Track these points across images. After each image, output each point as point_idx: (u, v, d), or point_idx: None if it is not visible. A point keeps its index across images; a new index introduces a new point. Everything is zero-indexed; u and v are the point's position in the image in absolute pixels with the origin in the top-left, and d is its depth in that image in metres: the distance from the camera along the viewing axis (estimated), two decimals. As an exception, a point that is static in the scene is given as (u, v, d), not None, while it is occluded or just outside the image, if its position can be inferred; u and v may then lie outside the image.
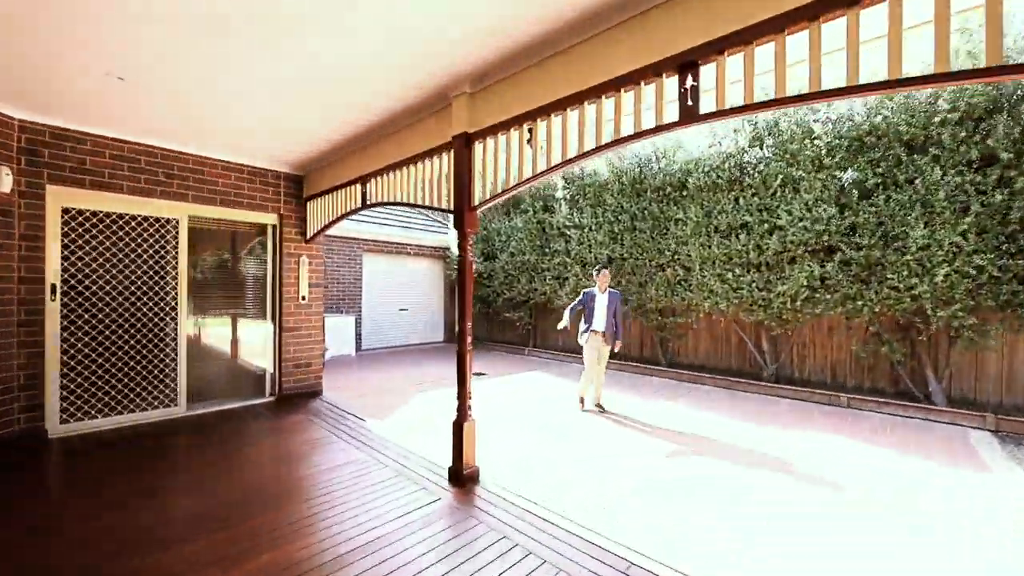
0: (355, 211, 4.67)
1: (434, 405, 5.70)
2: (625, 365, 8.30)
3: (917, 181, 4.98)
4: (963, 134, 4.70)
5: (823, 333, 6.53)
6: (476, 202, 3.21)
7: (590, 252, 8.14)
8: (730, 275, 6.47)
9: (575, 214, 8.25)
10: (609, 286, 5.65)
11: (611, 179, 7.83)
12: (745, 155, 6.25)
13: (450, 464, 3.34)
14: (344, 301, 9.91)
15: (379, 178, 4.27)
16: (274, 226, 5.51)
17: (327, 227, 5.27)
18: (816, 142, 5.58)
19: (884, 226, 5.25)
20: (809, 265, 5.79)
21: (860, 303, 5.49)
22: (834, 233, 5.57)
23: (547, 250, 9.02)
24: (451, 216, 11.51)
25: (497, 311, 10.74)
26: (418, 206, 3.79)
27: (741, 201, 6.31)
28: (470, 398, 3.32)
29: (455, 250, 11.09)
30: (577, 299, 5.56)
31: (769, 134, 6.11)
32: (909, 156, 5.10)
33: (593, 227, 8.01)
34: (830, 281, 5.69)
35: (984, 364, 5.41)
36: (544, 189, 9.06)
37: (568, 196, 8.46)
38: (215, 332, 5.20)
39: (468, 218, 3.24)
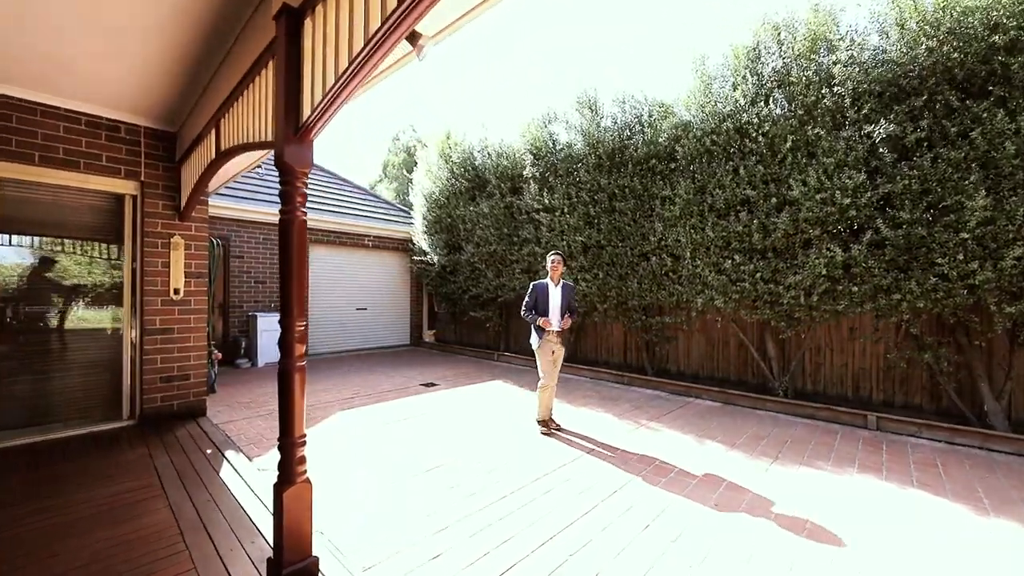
0: (213, 166, 3.39)
1: (350, 432, 4.42)
2: (602, 372, 7.03)
3: (975, 133, 3.72)
4: (1044, 64, 3.45)
5: (842, 336, 5.27)
6: (306, 118, 1.93)
7: (563, 239, 6.87)
8: (728, 264, 5.21)
9: (545, 194, 6.98)
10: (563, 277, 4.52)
11: (586, 151, 6.56)
12: (745, 115, 4.99)
13: (272, 554, 2.06)
14: (286, 299, 8.61)
15: (227, 114, 2.99)
16: (133, 197, 4.23)
17: (196, 196, 3.99)
18: (837, 89, 4.32)
19: (931, 195, 3.99)
20: (829, 249, 4.54)
21: (897, 296, 4.23)
22: (863, 207, 4.31)
23: (516, 239, 7.74)
24: (414, 201, 10.40)
25: (464, 310, 9.46)
26: (250, 147, 2.52)
27: (742, 172, 5.04)
28: (301, 445, 2.04)
29: (419, 240, 9.81)
30: (528, 294, 4.41)
31: (779, 85, 4.86)
32: (963, 102, 3.85)
33: (566, 209, 6.74)
34: (856, 269, 4.42)
35: (1057, 376, 4.16)
36: (513, 167, 7.79)
37: (537, 174, 7.18)
38: (47, 337, 3.92)
39: (294, 149, 1.97)
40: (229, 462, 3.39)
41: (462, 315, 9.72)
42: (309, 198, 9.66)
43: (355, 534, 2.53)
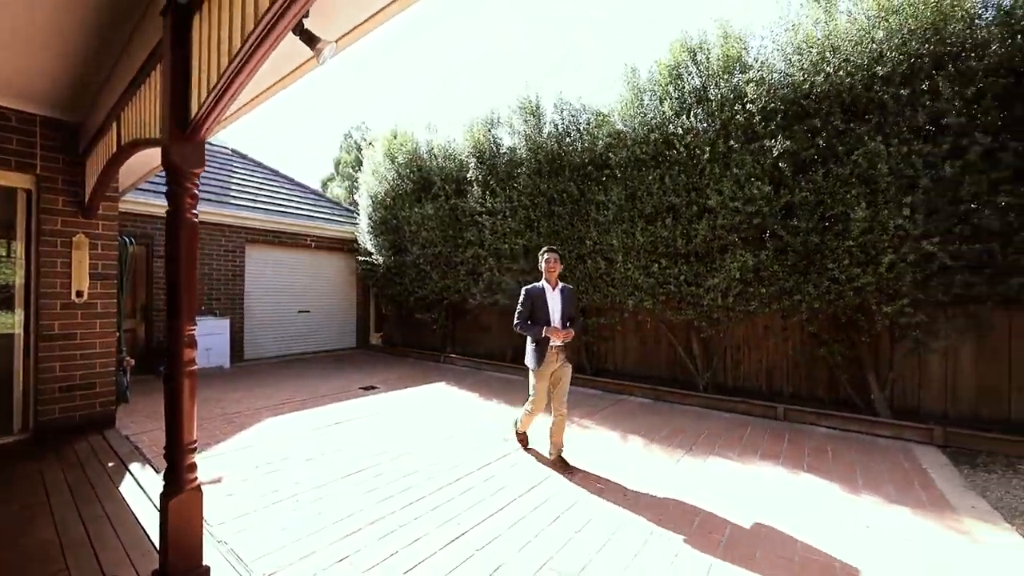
0: (116, 160, 3.20)
1: (275, 438, 4.28)
2: (546, 373, 7.19)
3: (857, 153, 4.17)
4: (907, 94, 3.92)
5: (758, 334, 5.71)
6: (194, 115, 1.88)
7: (505, 242, 6.97)
8: (656, 267, 5.50)
9: (488, 198, 7.06)
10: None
11: (527, 156, 6.70)
12: (670, 126, 5.30)
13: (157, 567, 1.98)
14: (219, 302, 8.18)
15: (128, 106, 2.84)
16: (27, 191, 3.90)
17: (102, 192, 3.74)
18: (748, 106, 4.69)
19: (823, 206, 4.42)
20: (742, 254, 4.90)
21: (798, 298, 4.65)
22: (768, 216, 4.70)
23: (460, 241, 7.77)
24: (360, 201, 10.19)
25: (410, 312, 9.36)
26: (145, 143, 2.41)
27: (667, 180, 5.35)
28: (191, 452, 1.98)
29: (365, 241, 9.60)
30: (521, 302, 3.61)
31: (697, 101, 5.19)
32: (848, 124, 4.30)
33: (507, 212, 6.85)
34: (765, 273, 4.82)
35: (928, 369, 4.71)
36: (458, 169, 7.81)
37: (480, 177, 7.25)
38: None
39: (181, 148, 1.92)
40: (133, 475, 3.20)
41: (408, 317, 9.61)
42: (248, 195, 9.23)
43: (261, 541, 2.48)
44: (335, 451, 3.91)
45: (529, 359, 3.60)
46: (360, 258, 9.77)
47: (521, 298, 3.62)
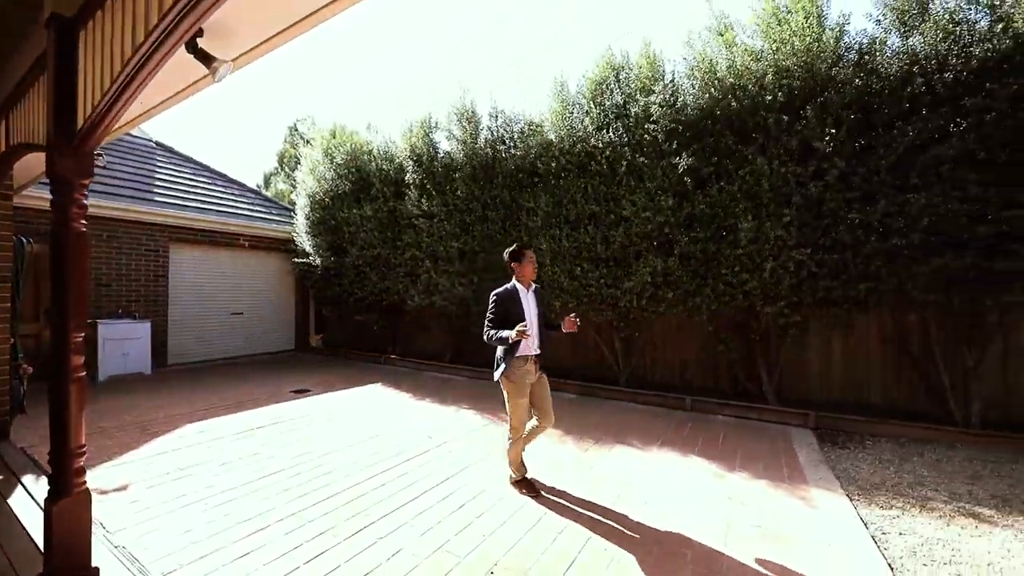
0: (5, 161, 3.07)
1: (193, 445, 4.21)
2: (482, 373, 7.43)
3: (744, 171, 4.72)
4: (785, 121, 4.50)
5: (672, 332, 6.24)
6: (81, 126, 1.93)
7: (441, 245, 7.13)
8: (579, 271, 5.88)
9: (424, 201, 7.18)
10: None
11: (463, 161, 6.90)
12: (592, 139, 5.68)
13: None
14: (139, 304, 7.74)
15: (16, 108, 2.75)
16: (-99, 188, 3.61)
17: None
18: (654, 126, 5.14)
19: (718, 218, 4.95)
20: (653, 259, 5.36)
21: (698, 300, 5.17)
22: (674, 225, 5.18)
23: (399, 243, 7.84)
24: (297, 201, 9.96)
25: (349, 313, 9.28)
26: (31, 148, 2.39)
27: (589, 189, 5.74)
28: (79, 456, 2.02)
29: (303, 242, 9.40)
30: (492, 308, 3.17)
31: (617, 117, 5.61)
32: (737, 145, 4.84)
33: (443, 216, 7.02)
34: (671, 277, 5.30)
35: (806, 363, 5.39)
36: (396, 172, 7.87)
37: (418, 180, 7.36)
38: None
39: (67, 159, 1.95)
40: (25, 487, 3.08)
41: (348, 318, 9.52)
42: (174, 192, 8.78)
43: (161, 544, 2.52)
44: (253, 455, 3.92)
45: (501, 372, 3.06)
46: (296, 260, 9.55)
47: (492, 303, 3.15)
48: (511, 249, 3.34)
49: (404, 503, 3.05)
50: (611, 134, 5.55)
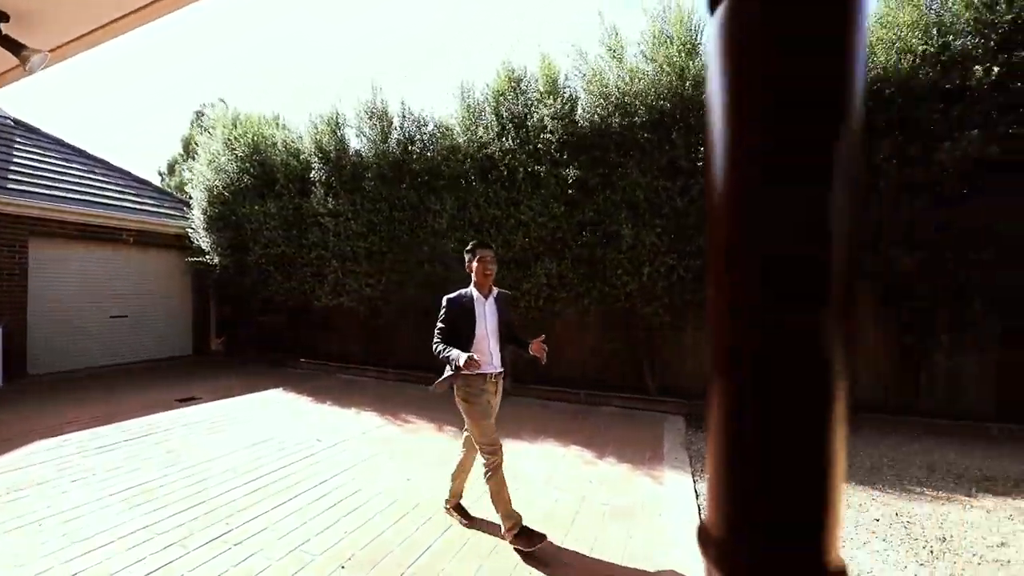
0: None
1: (41, 464, 3.81)
2: (392, 373, 7.40)
3: (624, 182, 5.18)
4: (656, 140, 5.00)
5: (573, 331, 6.64)
6: None
7: (348, 245, 7.00)
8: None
9: (331, 199, 7.00)
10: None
11: (372, 160, 6.82)
12: (492, 146, 5.90)
13: None
14: (-12, 306, 6.75)
15: None
16: None
17: None
18: (548, 136, 5.47)
19: (603, 224, 5.37)
20: (548, 262, 5.69)
21: (587, 301, 5.57)
22: (566, 230, 5.54)
23: (304, 242, 7.56)
24: (194, 194, 9.18)
25: (252, 315, 8.76)
26: None
27: (491, 194, 5.94)
28: None
29: (200, 238, 8.70)
30: (441, 317, 2.72)
31: (516, 127, 5.87)
32: (618, 159, 5.29)
33: (350, 215, 6.89)
34: (565, 279, 5.66)
35: (684, 357, 6.02)
36: (302, 168, 7.57)
37: (324, 177, 7.15)
38: None
39: None
40: None
41: (251, 320, 8.98)
42: (36, 179, 7.73)
43: (-27, 572, 2.30)
44: (113, 469, 3.65)
45: (449, 384, 2.67)
46: (190, 258, 8.83)
47: (442, 311, 2.69)
48: (467, 247, 2.81)
49: (273, 507, 3.03)
50: (510, 142, 5.80)
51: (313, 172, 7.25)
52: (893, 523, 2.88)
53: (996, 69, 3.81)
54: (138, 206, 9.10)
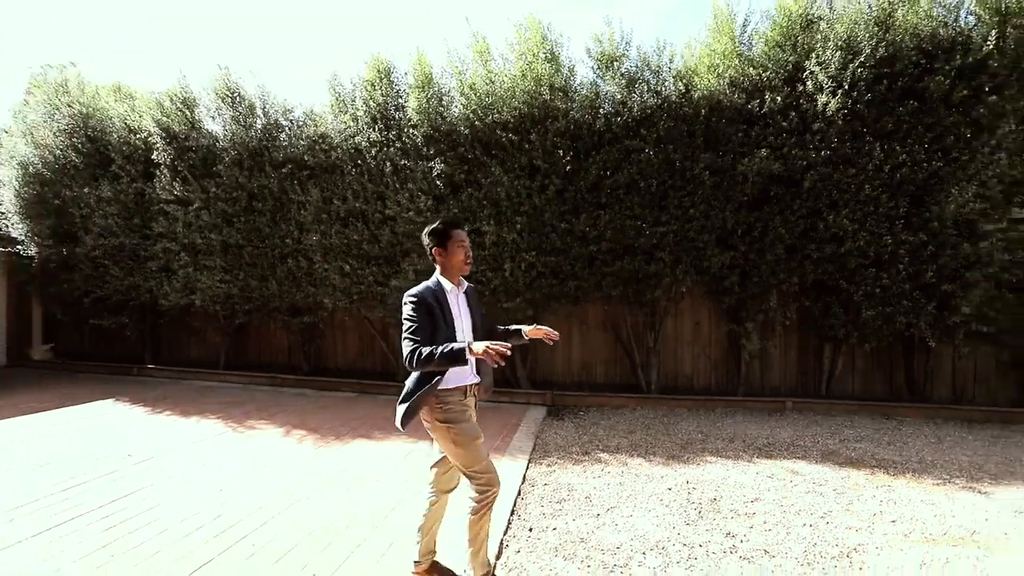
0: None
1: None
2: (259, 377, 6.83)
3: (487, 180, 5.27)
4: (516, 140, 5.16)
5: (450, 327, 6.63)
6: None
7: (200, 237, 6.30)
8: (348, 267, 5.81)
9: (178, 185, 6.24)
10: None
11: (227, 145, 6.19)
12: (359, 137, 5.67)
13: None
14: None
15: None
16: None
17: None
18: (415, 130, 5.39)
19: (469, 221, 5.42)
20: (416, 259, 5.61)
21: (454, 297, 5.59)
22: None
23: (148, 232, 6.67)
24: (4, 172, 7.62)
25: (85, 317, 7.53)
26: None
27: (357, 186, 5.71)
28: None
29: (11, 225, 7.25)
30: (412, 316, 1.96)
31: (384, 119, 5.70)
32: (484, 158, 5.38)
33: (202, 204, 6.20)
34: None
35: (553, 350, 6.31)
36: (145, 148, 6.65)
37: (168, 161, 6.34)
38: None
39: None
40: None
41: (86, 322, 7.72)
42: None
43: None
44: None
45: (430, 410, 2.00)
46: (4, 248, 7.37)
47: (410, 309, 1.98)
48: (433, 227, 2.16)
49: (31, 535, 2.59)
50: (378, 134, 5.62)
51: (156, 153, 6.40)
52: (681, 490, 3.24)
53: (779, 99, 4.53)
54: (-78, 184, 7.35)
